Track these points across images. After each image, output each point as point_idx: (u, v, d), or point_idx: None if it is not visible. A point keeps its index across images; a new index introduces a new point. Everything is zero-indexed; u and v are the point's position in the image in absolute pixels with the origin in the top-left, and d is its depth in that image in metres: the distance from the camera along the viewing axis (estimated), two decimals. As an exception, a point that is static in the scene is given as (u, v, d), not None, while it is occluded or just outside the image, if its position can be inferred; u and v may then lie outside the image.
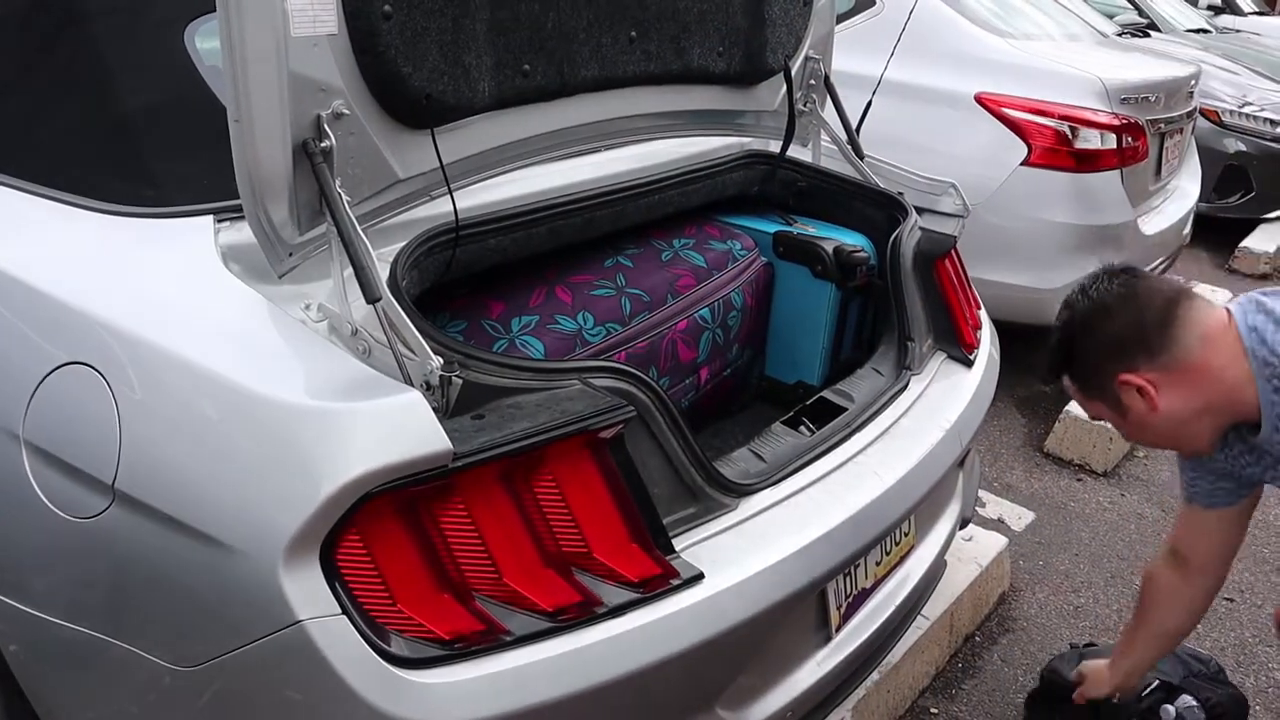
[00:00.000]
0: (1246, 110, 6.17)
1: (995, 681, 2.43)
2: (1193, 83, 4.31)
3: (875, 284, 2.17)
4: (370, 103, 1.43)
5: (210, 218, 1.48)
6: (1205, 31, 8.56)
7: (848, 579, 1.74)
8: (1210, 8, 9.95)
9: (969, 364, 2.10)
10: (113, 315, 1.37)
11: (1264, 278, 5.71)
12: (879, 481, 1.71)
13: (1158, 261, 4.11)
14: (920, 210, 2.24)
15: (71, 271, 1.47)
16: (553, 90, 1.74)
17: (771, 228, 2.28)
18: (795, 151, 2.33)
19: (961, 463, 2.06)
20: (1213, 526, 1.75)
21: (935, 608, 2.37)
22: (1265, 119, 6.13)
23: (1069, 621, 2.66)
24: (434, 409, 1.23)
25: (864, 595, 1.81)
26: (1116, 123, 3.65)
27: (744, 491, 1.56)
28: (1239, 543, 1.78)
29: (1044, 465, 3.47)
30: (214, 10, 1.22)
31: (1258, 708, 2.35)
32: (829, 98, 2.33)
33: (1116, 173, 3.68)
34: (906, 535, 1.93)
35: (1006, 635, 2.59)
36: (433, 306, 1.72)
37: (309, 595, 1.16)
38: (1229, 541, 1.77)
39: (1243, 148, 6.07)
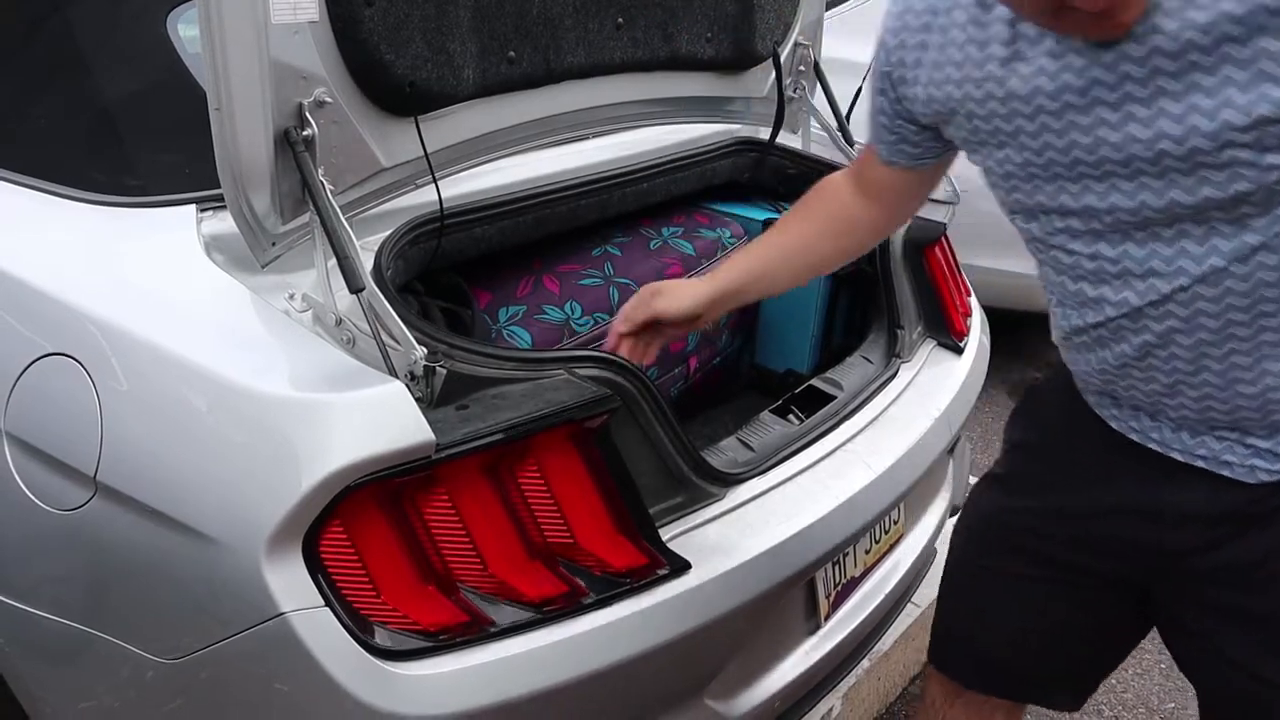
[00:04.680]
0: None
1: (986, 668, 2.43)
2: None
3: (865, 271, 2.16)
4: (353, 91, 1.42)
5: (193, 207, 1.47)
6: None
7: (837, 567, 1.74)
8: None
9: (959, 351, 2.10)
10: (94, 306, 1.35)
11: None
12: (868, 469, 1.71)
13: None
14: (910, 197, 2.22)
15: (52, 261, 1.45)
16: (539, 77, 1.72)
17: (761, 215, 2.26)
18: (785, 138, 2.32)
19: (952, 450, 2.05)
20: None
21: (926, 594, 2.36)
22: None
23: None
24: (418, 399, 1.22)
25: (853, 584, 1.81)
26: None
27: (732, 480, 1.55)
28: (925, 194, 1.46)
29: (1035, 452, 3.47)
30: (195, -4, 1.21)
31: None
32: (819, 84, 2.32)
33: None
34: (896, 523, 1.93)
35: (997, 622, 2.59)
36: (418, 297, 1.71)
37: (292, 587, 1.15)
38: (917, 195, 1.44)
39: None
